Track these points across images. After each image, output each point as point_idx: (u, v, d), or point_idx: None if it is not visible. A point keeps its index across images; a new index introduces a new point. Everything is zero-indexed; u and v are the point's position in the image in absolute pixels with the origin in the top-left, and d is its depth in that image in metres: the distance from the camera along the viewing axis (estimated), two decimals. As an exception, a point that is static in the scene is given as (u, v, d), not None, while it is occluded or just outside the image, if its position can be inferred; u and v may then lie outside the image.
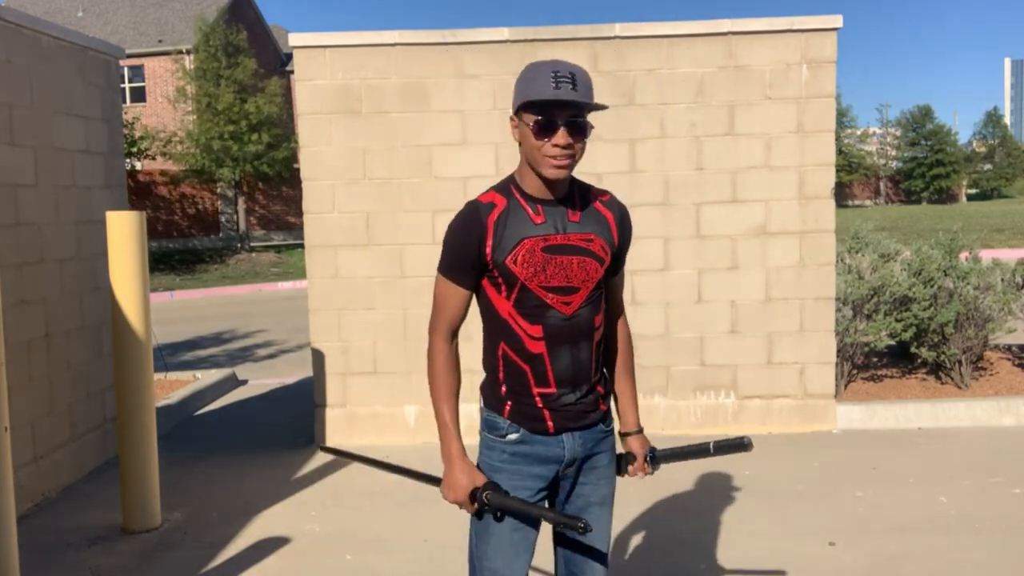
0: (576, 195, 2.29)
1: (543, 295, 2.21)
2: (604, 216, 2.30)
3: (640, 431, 2.48)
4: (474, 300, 2.32)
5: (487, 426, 2.34)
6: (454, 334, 2.31)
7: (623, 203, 2.39)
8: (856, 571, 3.92)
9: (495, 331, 2.28)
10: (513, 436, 2.29)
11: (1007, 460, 5.40)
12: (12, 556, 3.15)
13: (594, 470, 2.35)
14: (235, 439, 6.52)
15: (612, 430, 2.42)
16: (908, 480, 5.10)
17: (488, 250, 2.19)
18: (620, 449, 2.47)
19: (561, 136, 2.11)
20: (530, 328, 2.23)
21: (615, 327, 2.48)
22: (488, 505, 2.20)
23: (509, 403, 2.29)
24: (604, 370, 2.41)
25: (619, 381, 2.50)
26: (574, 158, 2.16)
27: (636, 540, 4.25)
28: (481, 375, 2.36)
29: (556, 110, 2.11)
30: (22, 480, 4.84)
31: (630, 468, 2.46)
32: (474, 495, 2.23)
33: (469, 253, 2.20)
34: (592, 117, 2.22)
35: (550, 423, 2.27)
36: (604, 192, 2.36)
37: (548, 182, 2.22)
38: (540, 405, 2.27)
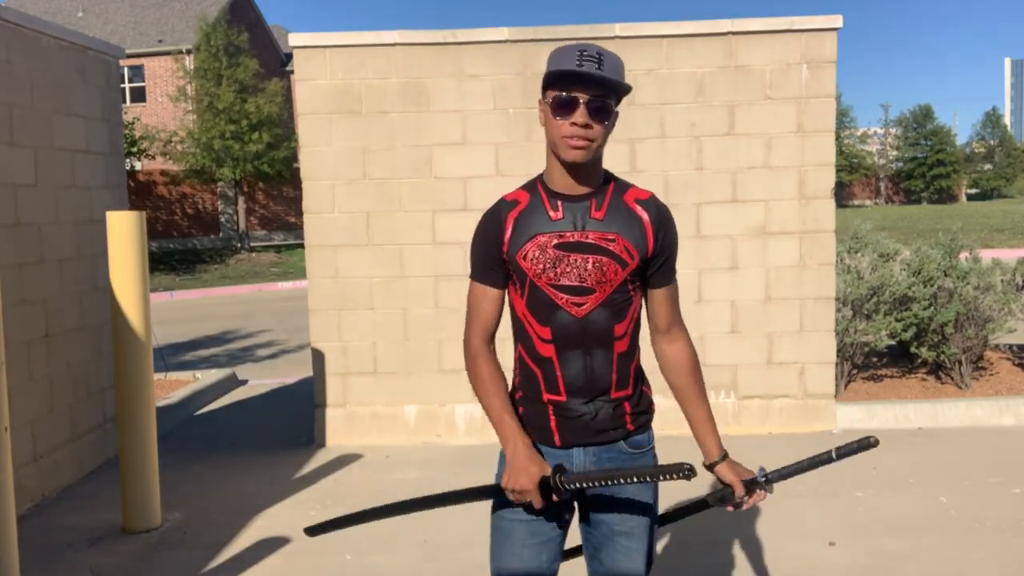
0: (608, 192, 2.13)
1: (552, 294, 2.09)
2: (637, 216, 2.11)
3: (725, 457, 2.18)
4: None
5: None
6: (490, 339, 2.20)
7: (664, 204, 2.20)
8: (856, 571, 3.92)
9: (515, 332, 2.20)
10: None
11: (1007, 460, 5.39)
12: (12, 556, 3.15)
13: (618, 498, 2.13)
14: (235, 439, 6.52)
15: (646, 452, 2.20)
16: (908, 480, 5.10)
17: (505, 246, 2.13)
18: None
19: (580, 115, 1.98)
20: (540, 329, 2.12)
21: (662, 345, 2.27)
22: (567, 490, 2.01)
23: (521, 408, 2.19)
24: (644, 387, 2.24)
25: (686, 405, 2.24)
26: (592, 141, 2.01)
27: (636, 540, 4.25)
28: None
29: (577, 87, 1.98)
30: (22, 480, 4.84)
31: (736, 500, 2.14)
32: (544, 483, 2.03)
33: (491, 250, 2.15)
34: None
35: (556, 435, 2.14)
36: (644, 191, 2.17)
37: (570, 170, 2.07)
38: (550, 413, 2.15)
